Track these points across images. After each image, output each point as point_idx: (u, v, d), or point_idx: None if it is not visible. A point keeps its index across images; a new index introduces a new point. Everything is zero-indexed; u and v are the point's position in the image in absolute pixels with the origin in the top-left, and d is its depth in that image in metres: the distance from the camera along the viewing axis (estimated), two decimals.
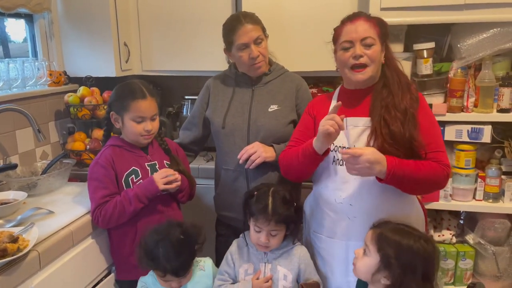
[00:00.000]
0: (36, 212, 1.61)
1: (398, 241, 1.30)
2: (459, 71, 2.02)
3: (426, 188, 1.55)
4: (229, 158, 1.84)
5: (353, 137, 1.52)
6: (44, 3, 2.29)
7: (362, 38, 1.47)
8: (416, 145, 1.45)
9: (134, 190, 1.65)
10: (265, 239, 1.52)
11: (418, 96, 1.53)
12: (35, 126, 1.89)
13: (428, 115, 1.54)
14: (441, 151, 1.50)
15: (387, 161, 1.40)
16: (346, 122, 1.53)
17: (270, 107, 1.82)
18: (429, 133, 1.49)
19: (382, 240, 1.32)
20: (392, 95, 1.49)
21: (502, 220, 2.09)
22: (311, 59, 2.23)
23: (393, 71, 1.53)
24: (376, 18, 1.54)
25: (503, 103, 1.99)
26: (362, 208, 1.51)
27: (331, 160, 1.57)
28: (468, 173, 2.07)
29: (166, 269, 1.43)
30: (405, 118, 1.45)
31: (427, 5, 1.93)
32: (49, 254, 1.44)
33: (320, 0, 2.23)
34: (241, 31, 1.76)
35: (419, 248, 1.28)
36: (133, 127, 1.68)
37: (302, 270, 1.56)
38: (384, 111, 1.47)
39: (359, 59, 1.48)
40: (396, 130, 1.44)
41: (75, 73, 2.48)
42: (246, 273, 1.59)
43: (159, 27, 2.51)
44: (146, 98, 1.68)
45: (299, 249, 1.59)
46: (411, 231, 1.33)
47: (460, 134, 2.05)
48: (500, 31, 1.94)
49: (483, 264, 2.15)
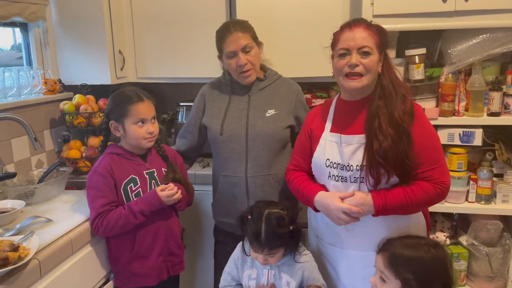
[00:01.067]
0: (35, 221, 1.61)
1: (411, 257, 1.30)
2: (450, 76, 2.06)
3: (420, 209, 1.56)
4: (227, 164, 1.86)
5: (347, 154, 1.52)
6: (39, 11, 2.30)
7: (359, 47, 1.45)
8: (409, 164, 1.44)
9: (139, 206, 1.65)
10: (262, 261, 1.54)
11: (413, 110, 1.49)
12: (32, 134, 1.89)
13: (426, 129, 1.51)
14: (438, 167, 1.47)
15: (373, 201, 1.44)
16: (341, 139, 1.54)
17: (267, 112, 1.84)
18: (425, 151, 1.47)
19: (396, 263, 1.31)
20: (386, 107, 1.46)
21: (494, 221, 2.13)
22: (305, 65, 2.26)
23: (390, 82, 1.49)
24: (376, 26, 1.51)
25: (493, 107, 2.03)
26: (360, 220, 1.51)
27: (327, 176, 1.58)
28: (461, 175, 2.11)
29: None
30: (397, 134, 1.43)
31: (418, 12, 1.98)
32: (49, 262, 1.44)
33: (314, 6, 2.26)
34: (230, 39, 1.79)
35: (432, 258, 1.29)
36: (136, 131, 1.69)
37: (306, 277, 1.57)
38: (377, 126, 1.45)
39: (355, 68, 1.46)
40: (387, 148, 1.42)
41: (70, 81, 2.48)
42: (250, 278, 1.60)
43: (153, 35, 2.53)
44: (144, 101, 1.71)
45: (303, 256, 1.59)
46: (417, 241, 1.34)
47: (452, 137, 2.09)
48: (489, 37, 1.99)
49: (477, 265, 2.18)
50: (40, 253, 1.42)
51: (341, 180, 1.53)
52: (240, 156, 1.83)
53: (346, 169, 1.52)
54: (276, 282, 1.57)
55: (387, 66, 1.52)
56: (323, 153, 1.57)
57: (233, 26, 1.81)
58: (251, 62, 1.80)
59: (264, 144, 1.82)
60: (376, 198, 1.45)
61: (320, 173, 1.60)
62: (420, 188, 1.46)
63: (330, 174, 1.56)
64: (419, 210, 1.55)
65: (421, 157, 1.46)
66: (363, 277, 1.55)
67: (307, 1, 2.27)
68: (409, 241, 1.35)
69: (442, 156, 1.53)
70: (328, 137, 1.58)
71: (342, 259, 1.61)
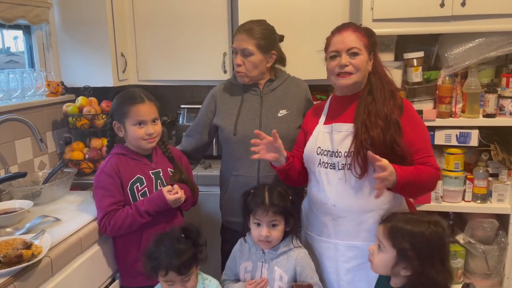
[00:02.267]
0: (44, 220, 1.63)
1: (411, 231, 1.34)
2: (447, 79, 2.12)
3: (423, 192, 1.66)
4: (239, 164, 1.89)
5: (337, 141, 1.61)
6: (42, 14, 2.32)
7: (348, 48, 1.56)
8: (399, 150, 1.53)
9: (145, 206, 1.67)
10: (265, 232, 1.58)
11: (402, 104, 1.60)
12: (38, 135, 1.91)
13: (415, 121, 1.61)
14: (431, 156, 1.60)
15: (396, 172, 1.47)
16: (332, 128, 1.63)
17: (279, 112, 1.88)
18: (419, 139, 1.58)
19: (395, 233, 1.37)
20: (375, 101, 1.57)
21: (490, 220, 2.19)
22: (305, 67, 2.29)
23: (378, 79, 1.61)
24: (364, 28, 1.63)
25: (488, 109, 2.09)
26: (345, 208, 1.60)
27: (317, 163, 1.65)
28: (457, 175, 2.17)
29: (168, 266, 1.44)
30: (386, 124, 1.53)
31: (417, 17, 2.03)
32: (60, 260, 1.46)
33: (314, 11, 2.31)
34: (236, 37, 1.87)
35: (432, 234, 1.33)
36: (135, 132, 1.71)
37: (298, 272, 1.61)
38: (366, 117, 1.55)
39: (344, 68, 1.57)
40: (375, 136, 1.52)
41: (72, 83, 2.50)
42: (246, 271, 1.66)
43: (155, 38, 2.56)
44: (145, 102, 1.72)
45: (297, 251, 1.64)
46: (419, 218, 1.39)
47: (449, 138, 2.15)
48: (484, 41, 2.05)
49: (473, 262, 2.24)
50: (51, 251, 1.43)
51: (330, 167, 1.61)
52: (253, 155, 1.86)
53: (335, 155, 1.60)
54: (269, 276, 1.61)
55: (377, 65, 1.63)
56: (315, 142, 1.66)
57: (244, 27, 1.88)
58: (245, 66, 1.85)
59: None
60: (398, 170, 1.47)
61: (311, 162, 1.68)
62: (427, 170, 1.55)
63: (320, 161, 1.64)
64: (422, 192, 1.65)
65: (416, 144, 1.56)
66: (347, 270, 1.62)
67: (307, 6, 2.32)
68: (412, 217, 1.41)
69: (432, 149, 1.64)
70: (322, 128, 1.68)
71: (328, 251, 1.66)
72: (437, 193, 2.19)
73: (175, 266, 1.45)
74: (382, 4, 2.05)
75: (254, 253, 1.66)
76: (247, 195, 1.66)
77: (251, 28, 1.86)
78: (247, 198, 1.65)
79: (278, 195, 1.61)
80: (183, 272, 1.47)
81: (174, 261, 1.45)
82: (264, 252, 1.65)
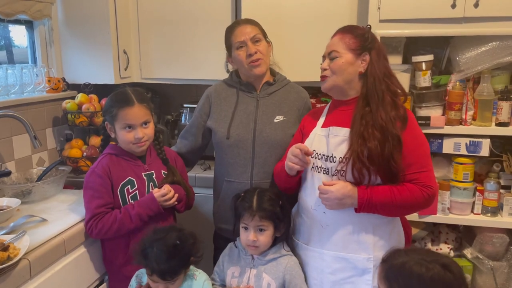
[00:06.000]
0: (29, 220, 1.60)
1: (408, 274, 1.12)
2: (458, 84, 2.01)
3: (405, 212, 1.54)
4: (232, 170, 1.82)
5: (333, 145, 1.53)
6: (45, 10, 2.30)
7: (328, 52, 1.55)
8: (394, 166, 1.43)
9: (136, 209, 1.63)
10: (252, 236, 1.53)
11: (406, 116, 1.49)
12: (32, 132, 1.88)
13: (416, 135, 1.51)
14: (424, 171, 1.47)
15: (358, 193, 1.42)
16: (329, 131, 1.56)
17: (276, 118, 1.81)
18: (414, 153, 1.47)
19: (390, 275, 1.17)
20: (371, 112, 1.47)
21: (500, 234, 2.07)
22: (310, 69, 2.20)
23: (372, 82, 1.49)
24: (355, 31, 1.55)
25: (501, 117, 1.98)
26: (334, 216, 1.52)
27: (310, 166, 1.58)
28: (466, 186, 2.06)
29: (154, 269, 1.41)
30: (383, 137, 1.43)
31: (426, 18, 1.94)
32: (40, 263, 1.42)
33: (321, 11, 2.24)
34: (238, 30, 1.81)
35: (434, 278, 1.09)
36: (124, 135, 1.67)
37: (287, 281, 1.55)
38: (363, 128, 1.46)
39: (323, 71, 1.56)
40: (373, 148, 1.42)
41: (74, 80, 2.48)
42: (233, 276, 1.60)
43: (159, 35, 2.52)
44: (134, 105, 1.66)
45: (287, 259, 1.58)
46: (423, 258, 1.14)
47: (458, 147, 2.04)
48: (499, 44, 1.93)
49: (481, 279, 2.12)
50: (31, 253, 1.40)
51: (323, 172, 1.54)
52: (246, 162, 1.80)
53: (329, 160, 1.52)
54: (257, 282, 1.55)
55: (372, 67, 1.52)
56: (311, 145, 1.58)
57: (242, 20, 1.87)
58: (260, 52, 1.78)
59: (271, 151, 1.79)
60: (361, 191, 1.43)
61: None
62: (407, 189, 1.44)
63: (314, 165, 1.57)
64: (403, 212, 1.54)
65: (409, 158, 1.45)
66: (332, 283, 1.54)
67: (314, 6, 2.25)
68: (414, 255, 1.17)
69: (431, 163, 1.53)
70: (318, 131, 1.61)
71: (313, 260, 1.58)
72: (444, 204, 2.08)
73: (160, 272, 1.41)
74: (389, 4, 1.96)
75: (243, 258, 1.61)
76: (237, 198, 1.62)
77: (249, 19, 1.84)
78: (236, 201, 1.61)
79: (268, 200, 1.56)
80: (167, 279, 1.43)
81: (161, 266, 1.40)
82: (253, 257, 1.59)
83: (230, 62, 1.90)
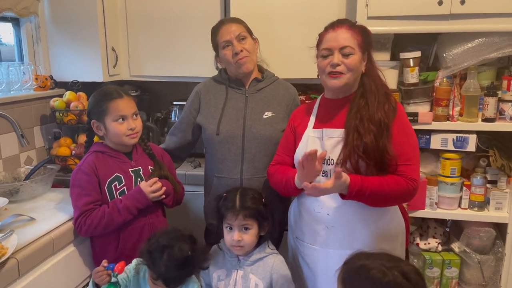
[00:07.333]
0: (17, 219, 1.59)
1: (364, 276, 1.09)
2: (445, 80, 2.03)
3: (388, 203, 1.53)
4: (222, 166, 1.83)
5: (328, 148, 1.53)
6: (31, 7, 2.27)
7: (341, 47, 1.48)
8: (388, 158, 1.45)
9: (123, 202, 1.63)
10: (237, 236, 1.53)
11: (396, 107, 1.52)
12: (19, 131, 1.86)
13: (405, 127, 1.53)
14: (409, 164, 1.48)
15: (350, 181, 1.41)
16: (323, 133, 1.56)
17: (265, 114, 1.82)
18: (401, 144, 1.48)
19: (346, 279, 1.14)
20: (368, 105, 1.48)
21: (487, 228, 2.10)
22: (300, 66, 2.22)
23: (372, 81, 1.52)
24: (359, 26, 1.55)
25: (487, 113, 2.00)
26: (339, 217, 1.52)
27: None
28: (454, 181, 2.08)
29: (160, 275, 1.41)
30: (378, 130, 1.45)
31: (414, 15, 1.95)
32: (28, 262, 1.41)
33: (309, 7, 2.24)
34: (223, 29, 1.82)
35: (389, 284, 1.04)
36: (117, 128, 1.66)
37: (274, 280, 1.55)
38: (358, 122, 1.46)
39: (336, 67, 1.49)
40: (369, 142, 1.43)
41: (62, 77, 2.46)
42: (219, 279, 1.59)
43: (147, 32, 2.50)
44: (123, 97, 1.68)
45: (273, 258, 1.58)
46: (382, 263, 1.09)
47: (445, 142, 2.06)
48: (485, 41, 1.96)
49: (468, 272, 2.15)
50: (19, 253, 1.39)
51: (322, 175, 1.53)
52: (236, 157, 1.81)
53: (327, 163, 1.52)
54: (244, 284, 1.55)
55: (370, 66, 1.54)
56: (305, 148, 1.57)
57: (226, 20, 1.87)
58: (246, 50, 1.79)
59: (260, 146, 1.80)
60: (353, 179, 1.41)
61: None
62: (394, 180, 1.45)
63: None
64: (387, 203, 1.53)
65: (396, 150, 1.46)
66: None
67: (302, 2, 2.25)
68: (375, 260, 1.12)
69: (417, 157, 1.53)
70: (311, 133, 1.60)
71: (321, 259, 1.59)
72: (432, 199, 2.11)
73: (166, 279, 1.41)
74: (377, 1, 1.96)
75: (229, 260, 1.60)
76: (219, 199, 1.61)
77: (234, 18, 1.86)
78: (219, 202, 1.60)
79: (250, 198, 1.56)
80: (171, 286, 1.44)
81: (169, 275, 1.40)
82: (239, 259, 1.58)
83: (218, 61, 1.91)
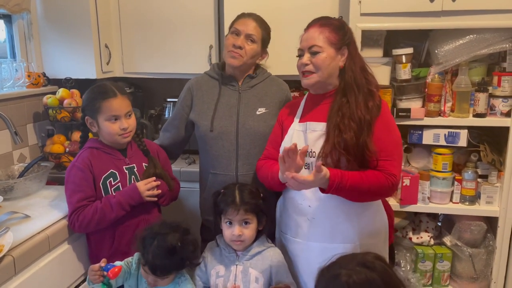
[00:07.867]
0: (12, 216, 1.59)
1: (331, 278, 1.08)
2: (437, 76, 2.05)
3: (368, 198, 1.55)
4: (217, 162, 1.84)
5: (311, 141, 1.56)
6: (23, 3, 2.26)
7: (309, 46, 1.53)
8: (369, 154, 1.47)
9: (116, 198, 1.63)
10: (238, 231, 1.54)
11: (380, 104, 1.54)
12: (12, 128, 1.85)
13: (387, 123, 1.54)
14: (390, 160, 1.49)
15: (330, 175, 1.41)
16: (306, 126, 1.58)
17: (258, 110, 1.83)
18: (382, 140, 1.50)
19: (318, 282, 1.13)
20: (349, 103, 1.50)
21: (478, 222, 2.13)
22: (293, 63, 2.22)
23: (352, 77, 1.52)
24: (333, 23, 1.56)
25: (478, 108, 2.03)
26: (321, 210, 1.55)
27: None
28: (445, 176, 2.11)
29: (147, 261, 1.42)
30: (359, 127, 1.47)
31: (406, 12, 1.96)
32: (24, 259, 1.41)
33: (302, 5, 2.24)
34: (243, 20, 1.83)
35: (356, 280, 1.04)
36: (109, 127, 1.66)
37: (274, 273, 1.57)
38: (339, 120, 1.49)
39: (305, 67, 1.54)
40: (348, 139, 1.45)
41: (55, 74, 2.45)
42: (217, 275, 1.59)
43: (141, 29, 2.50)
44: (117, 96, 1.67)
45: (271, 251, 1.60)
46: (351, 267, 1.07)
47: (437, 138, 2.08)
48: (476, 37, 1.98)
49: (460, 265, 2.18)
50: (15, 250, 1.40)
51: (305, 167, 1.56)
52: (230, 154, 1.82)
53: (309, 155, 1.55)
54: (244, 278, 1.56)
55: (351, 61, 1.54)
56: (290, 141, 1.59)
57: (255, 15, 1.86)
58: (245, 50, 1.78)
59: (254, 142, 1.81)
60: (333, 173, 1.42)
61: None
62: (374, 175, 1.47)
63: None
64: (367, 198, 1.54)
65: (377, 146, 1.48)
66: None
67: (295, 0, 2.25)
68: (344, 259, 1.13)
69: (399, 153, 1.56)
70: (296, 127, 1.63)
71: (303, 253, 1.61)
72: (424, 193, 2.13)
73: (152, 266, 1.42)
74: None
75: (227, 256, 1.60)
76: (217, 195, 1.61)
77: (262, 20, 1.85)
78: (217, 198, 1.60)
79: (249, 193, 1.58)
80: (157, 274, 1.44)
81: (155, 261, 1.41)
82: (237, 254, 1.59)
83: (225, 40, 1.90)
